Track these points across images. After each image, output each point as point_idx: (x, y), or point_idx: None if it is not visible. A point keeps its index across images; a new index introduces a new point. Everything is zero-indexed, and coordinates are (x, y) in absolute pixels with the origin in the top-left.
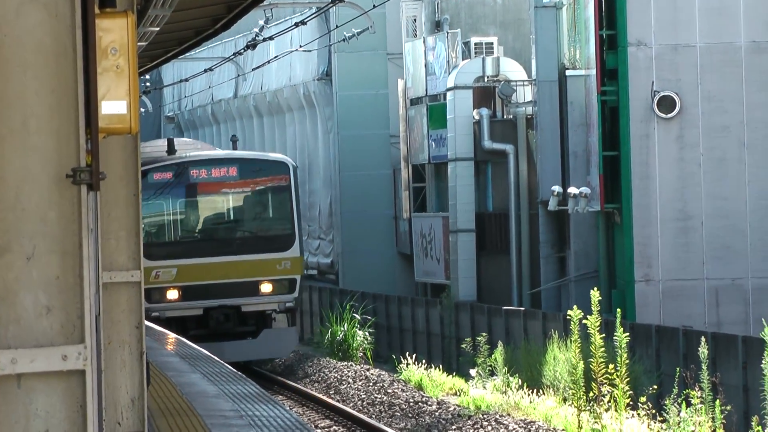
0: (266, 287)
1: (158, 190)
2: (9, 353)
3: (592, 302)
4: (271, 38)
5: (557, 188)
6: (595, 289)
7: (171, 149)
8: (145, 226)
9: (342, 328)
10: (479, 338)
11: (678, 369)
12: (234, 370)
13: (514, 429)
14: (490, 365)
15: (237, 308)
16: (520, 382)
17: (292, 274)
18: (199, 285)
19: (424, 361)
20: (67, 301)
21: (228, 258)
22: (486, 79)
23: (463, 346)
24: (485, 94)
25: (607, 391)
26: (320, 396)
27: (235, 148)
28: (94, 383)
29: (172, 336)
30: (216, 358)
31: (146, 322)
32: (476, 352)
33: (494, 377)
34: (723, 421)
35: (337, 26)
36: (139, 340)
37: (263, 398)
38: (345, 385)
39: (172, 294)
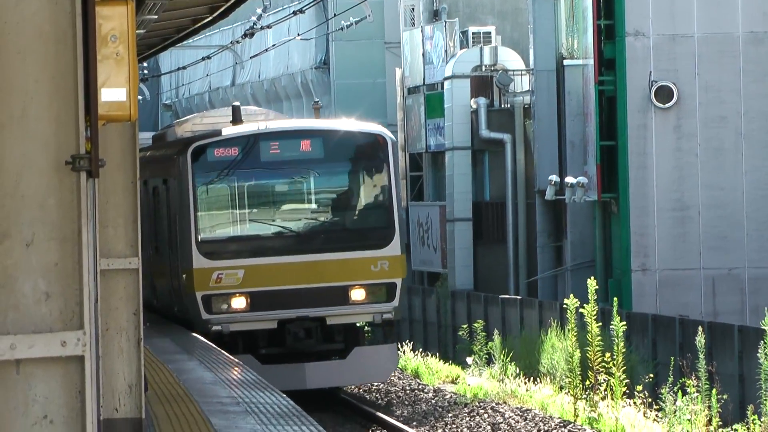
0: (358, 294)
1: (220, 170)
2: (8, 339)
3: (589, 291)
4: (269, 26)
5: (554, 178)
6: (592, 278)
7: (237, 118)
8: (205, 216)
9: None
10: (476, 325)
11: (674, 358)
12: (230, 356)
13: (511, 417)
14: (487, 353)
15: (321, 321)
16: (517, 371)
17: (392, 278)
18: (272, 291)
19: (420, 349)
20: (66, 287)
21: (309, 257)
22: (483, 69)
23: (460, 333)
24: (483, 83)
25: (604, 380)
26: None
27: (317, 116)
28: (93, 369)
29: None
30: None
31: (203, 339)
32: (473, 340)
33: (491, 365)
34: (719, 410)
35: (335, 15)
36: (136, 326)
37: (260, 385)
38: None
39: (239, 302)
